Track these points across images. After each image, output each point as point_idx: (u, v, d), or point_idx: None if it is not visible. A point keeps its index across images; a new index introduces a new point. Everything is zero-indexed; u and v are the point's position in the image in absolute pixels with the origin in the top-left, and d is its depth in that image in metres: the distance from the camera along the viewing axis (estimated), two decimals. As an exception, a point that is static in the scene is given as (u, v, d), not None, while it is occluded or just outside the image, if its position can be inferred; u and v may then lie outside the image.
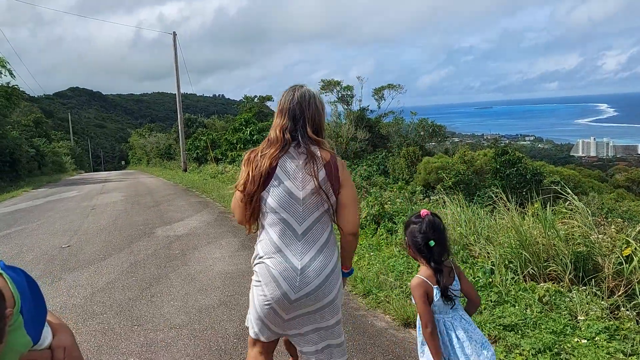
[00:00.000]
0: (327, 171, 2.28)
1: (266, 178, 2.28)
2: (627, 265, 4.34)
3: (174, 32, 27.56)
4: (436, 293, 2.36)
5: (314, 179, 2.25)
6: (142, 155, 47.93)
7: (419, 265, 2.52)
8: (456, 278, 2.43)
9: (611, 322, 3.81)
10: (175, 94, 28.51)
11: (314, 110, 2.35)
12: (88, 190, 19.37)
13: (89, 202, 14.77)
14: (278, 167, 2.28)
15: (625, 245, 4.59)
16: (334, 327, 2.43)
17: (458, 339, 2.37)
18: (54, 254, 7.69)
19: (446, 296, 2.37)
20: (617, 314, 4.04)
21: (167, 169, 31.51)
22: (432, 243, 2.34)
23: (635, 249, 4.49)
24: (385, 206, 8.35)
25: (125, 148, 67.00)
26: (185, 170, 26.86)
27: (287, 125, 2.32)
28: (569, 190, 5.49)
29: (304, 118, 2.32)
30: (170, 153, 38.02)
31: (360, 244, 6.98)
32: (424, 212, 2.43)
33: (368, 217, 7.97)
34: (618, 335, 3.65)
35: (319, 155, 2.29)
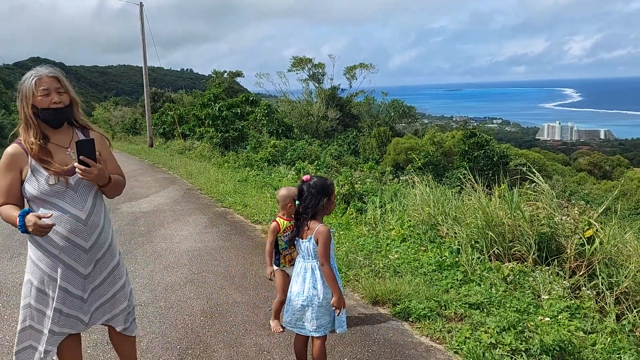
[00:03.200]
0: None
1: None
2: (589, 247, 4.46)
3: (141, 3, 26.60)
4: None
5: None
6: (106, 130, 46.63)
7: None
8: (312, 239, 2.85)
9: (572, 301, 3.92)
10: (141, 67, 27.67)
11: None
12: (50, 165, 18.73)
13: (51, 177, 14.30)
14: None
15: (587, 227, 4.71)
16: None
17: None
18: (12, 229, 7.41)
19: (290, 241, 3.12)
20: (578, 293, 4.16)
21: (132, 144, 30.71)
22: (297, 202, 2.96)
23: (597, 230, 4.62)
24: (356, 186, 8.36)
25: (89, 122, 65.16)
26: (151, 145, 26.24)
27: None
28: (536, 172, 5.58)
29: None
30: (136, 128, 37.01)
31: (330, 223, 6.97)
32: (304, 177, 2.99)
33: (338, 197, 7.96)
34: (579, 313, 3.77)
35: None
